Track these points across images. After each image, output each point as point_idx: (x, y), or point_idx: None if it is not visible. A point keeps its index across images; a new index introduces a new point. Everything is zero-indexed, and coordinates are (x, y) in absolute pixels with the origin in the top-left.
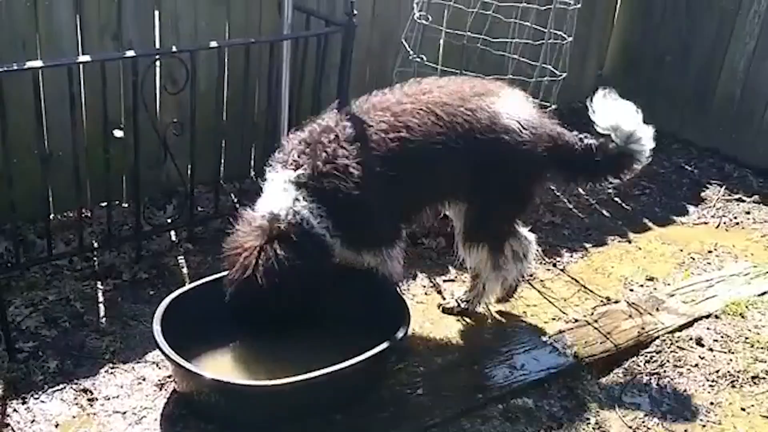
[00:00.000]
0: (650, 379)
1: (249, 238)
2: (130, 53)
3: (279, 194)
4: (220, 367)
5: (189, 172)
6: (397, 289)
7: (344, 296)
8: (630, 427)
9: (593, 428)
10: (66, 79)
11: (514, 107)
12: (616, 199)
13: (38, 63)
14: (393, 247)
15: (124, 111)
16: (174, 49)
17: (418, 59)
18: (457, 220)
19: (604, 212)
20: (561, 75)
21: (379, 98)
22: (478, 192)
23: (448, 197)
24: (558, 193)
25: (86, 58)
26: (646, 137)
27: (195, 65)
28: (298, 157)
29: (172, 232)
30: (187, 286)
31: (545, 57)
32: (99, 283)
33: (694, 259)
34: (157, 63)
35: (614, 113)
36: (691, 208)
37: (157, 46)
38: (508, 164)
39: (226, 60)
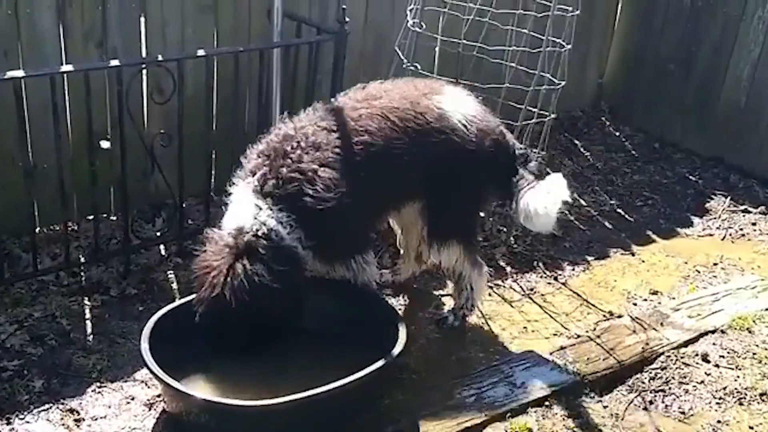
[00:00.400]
0: (655, 396)
1: (216, 257)
2: (115, 62)
3: (244, 207)
4: (211, 386)
5: (178, 184)
6: (388, 304)
7: (331, 308)
8: None
9: None
10: (49, 88)
11: (460, 105)
12: (619, 210)
13: (20, 73)
14: (368, 253)
15: (110, 121)
16: (160, 57)
17: (412, 67)
18: (420, 223)
19: (607, 224)
20: (560, 83)
21: (331, 106)
22: (436, 190)
23: (409, 198)
24: None
25: (69, 67)
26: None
27: (182, 74)
28: (261, 167)
29: (162, 246)
30: (177, 302)
31: (543, 65)
32: (86, 299)
33: (699, 272)
34: (143, 72)
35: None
36: (695, 220)
37: (143, 53)
38: (459, 160)
39: (215, 68)
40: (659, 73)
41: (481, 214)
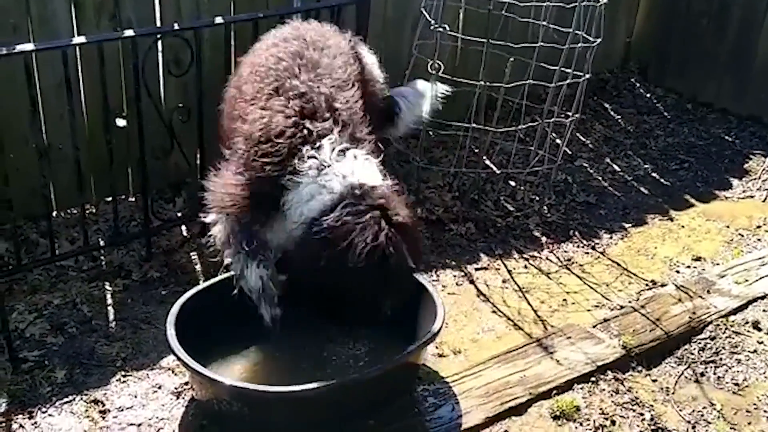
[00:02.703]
0: (706, 368)
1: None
2: (129, 33)
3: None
4: (241, 372)
5: (198, 161)
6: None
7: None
8: (689, 422)
9: (648, 425)
10: (61, 63)
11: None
12: (654, 174)
13: (30, 46)
14: None
15: (126, 97)
16: (176, 26)
17: (441, 29)
18: None
19: (642, 189)
20: (595, 41)
21: None
22: None
23: None
24: (591, 171)
25: (81, 39)
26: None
27: (200, 43)
28: None
29: (183, 227)
30: (202, 285)
31: (578, 22)
32: (107, 284)
33: (742, 236)
34: (159, 43)
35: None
36: (734, 182)
37: (158, 24)
38: None
39: (232, 37)
40: (691, 30)
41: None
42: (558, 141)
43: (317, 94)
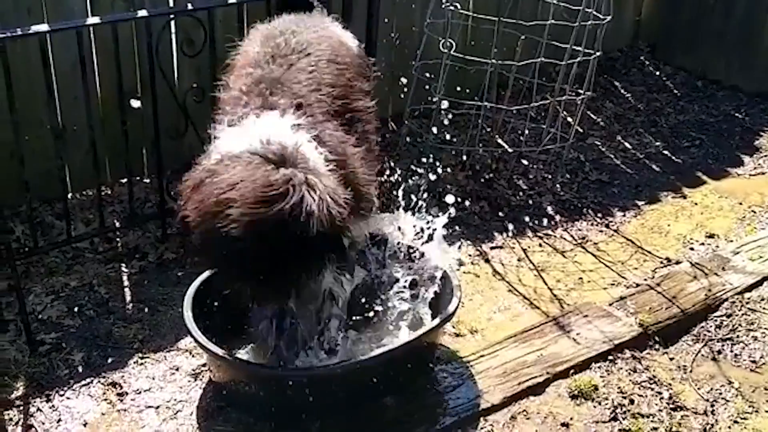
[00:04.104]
0: (723, 345)
1: None
2: (143, 13)
3: None
4: (258, 353)
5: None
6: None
7: None
8: (707, 400)
9: (667, 403)
10: (75, 44)
11: None
12: (665, 152)
13: (44, 27)
14: None
15: (140, 78)
16: (189, 6)
17: (452, 7)
18: None
19: (654, 167)
20: (605, 18)
21: None
22: None
23: None
24: (603, 149)
25: (95, 19)
26: None
27: (213, 24)
28: None
29: None
30: None
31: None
32: (123, 265)
33: (755, 212)
34: (172, 23)
35: None
36: (746, 159)
37: (171, 4)
38: None
39: (245, 16)
40: (700, 7)
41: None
42: (569, 119)
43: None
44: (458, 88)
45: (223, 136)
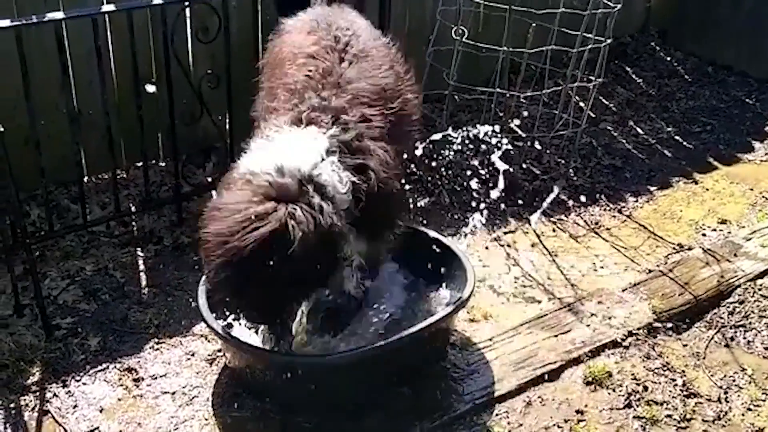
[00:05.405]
0: (736, 332)
1: None
2: (158, 0)
3: None
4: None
5: (227, 126)
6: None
7: None
8: (720, 387)
9: (681, 390)
10: (91, 32)
11: None
12: (677, 137)
13: (60, 14)
14: None
15: (155, 64)
16: None
17: None
18: None
19: (666, 152)
20: (616, 6)
21: None
22: None
23: None
24: (615, 134)
25: (111, 7)
26: None
27: (227, 11)
28: None
29: (214, 192)
30: None
31: None
32: (139, 249)
33: (766, 198)
34: (187, 10)
35: None
36: (756, 144)
37: None
38: None
39: (259, 3)
40: None
41: None
42: (581, 104)
43: None
44: (471, 75)
45: (250, 151)
